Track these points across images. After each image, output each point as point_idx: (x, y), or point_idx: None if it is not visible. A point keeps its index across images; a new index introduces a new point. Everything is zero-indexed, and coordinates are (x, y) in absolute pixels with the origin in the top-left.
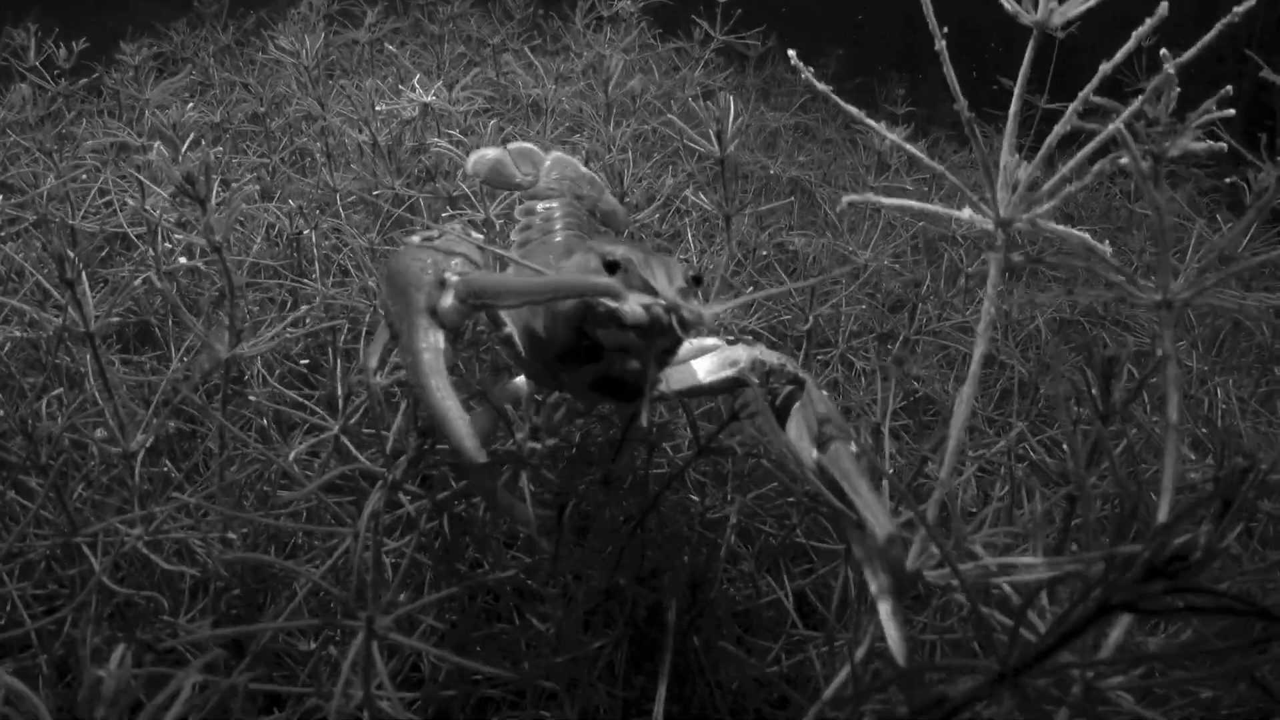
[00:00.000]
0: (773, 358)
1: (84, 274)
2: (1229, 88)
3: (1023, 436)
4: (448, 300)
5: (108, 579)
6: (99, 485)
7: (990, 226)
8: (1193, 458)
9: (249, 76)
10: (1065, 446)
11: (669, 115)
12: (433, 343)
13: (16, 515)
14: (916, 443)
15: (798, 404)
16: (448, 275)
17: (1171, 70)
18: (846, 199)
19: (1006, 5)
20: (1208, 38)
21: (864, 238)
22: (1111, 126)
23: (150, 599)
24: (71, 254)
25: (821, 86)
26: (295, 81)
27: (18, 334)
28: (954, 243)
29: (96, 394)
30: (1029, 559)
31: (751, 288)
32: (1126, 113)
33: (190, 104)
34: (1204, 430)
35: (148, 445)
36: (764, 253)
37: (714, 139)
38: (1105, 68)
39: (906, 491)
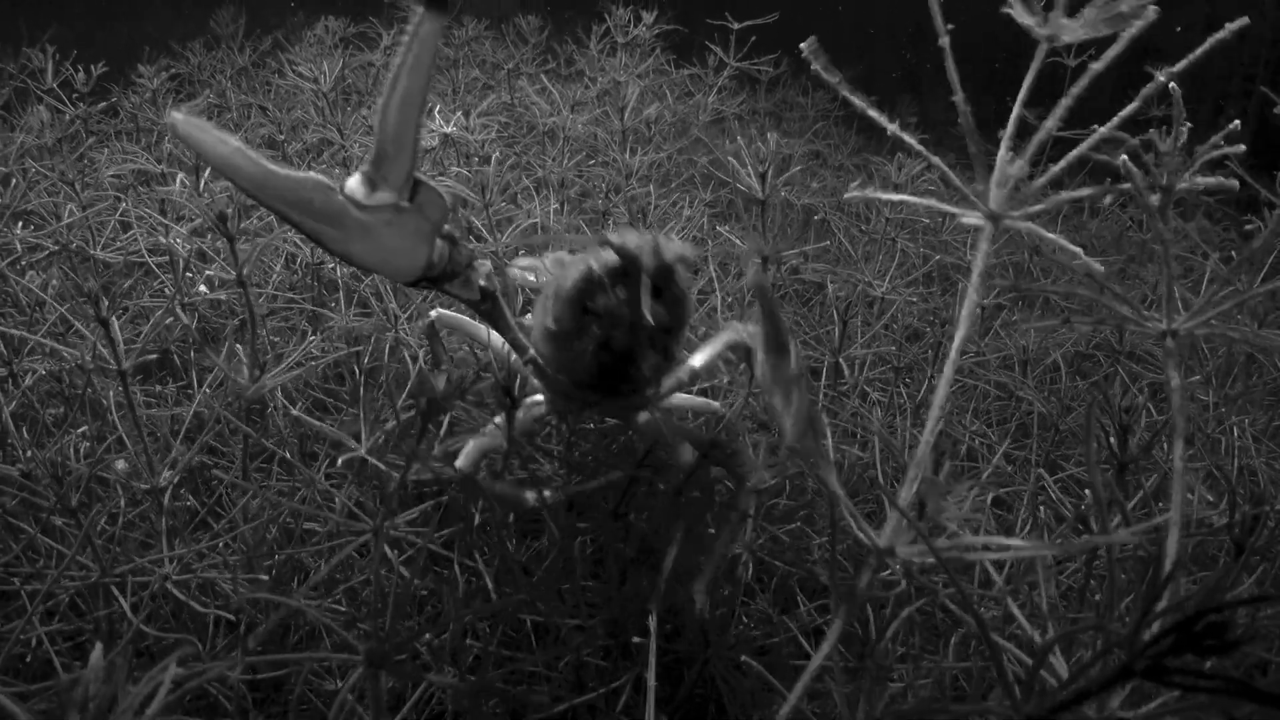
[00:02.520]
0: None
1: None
2: (1237, 122)
3: (1041, 478)
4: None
5: (136, 618)
6: (124, 520)
7: (980, 222)
8: (1210, 499)
9: (266, 100)
10: (1088, 492)
11: (727, 156)
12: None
13: (40, 548)
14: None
15: None
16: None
17: (1174, 85)
18: (849, 194)
19: (1017, 13)
20: (1204, 48)
21: (879, 266)
22: (1100, 131)
23: (180, 640)
24: (103, 296)
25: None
26: (313, 106)
27: (42, 370)
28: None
29: (123, 431)
30: (1006, 539)
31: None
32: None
33: None
34: (1219, 470)
35: (174, 481)
36: (781, 283)
37: (756, 181)
38: (1096, 66)
39: (881, 484)
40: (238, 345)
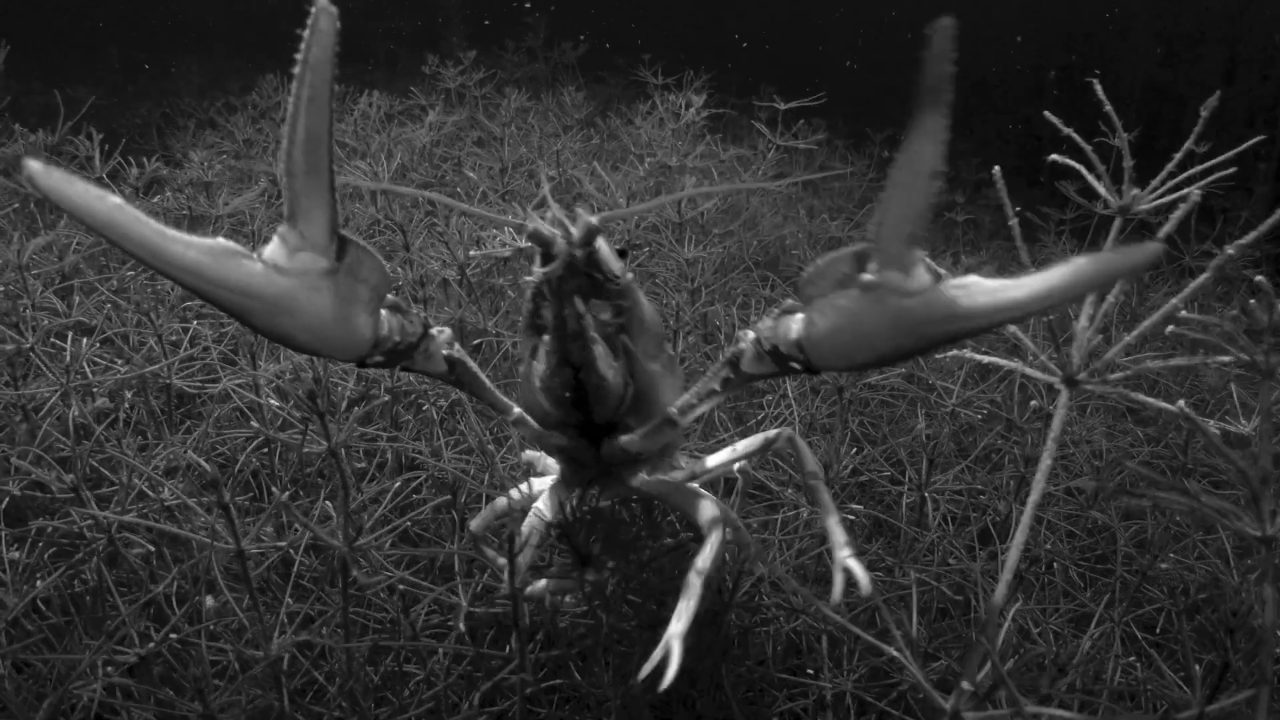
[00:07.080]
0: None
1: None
2: None
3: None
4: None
5: None
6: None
7: (1057, 384)
8: None
9: None
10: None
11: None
12: None
13: None
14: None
15: None
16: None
17: (1260, 278)
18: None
19: (1098, 188)
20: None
21: (945, 368)
22: (1182, 296)
23: None
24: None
25: None
26: (368, 196)
27: (147, 547)
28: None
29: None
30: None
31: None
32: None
33: None
34: None
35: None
36: (848, 394)
37: None
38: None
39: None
40: (328, 503)
